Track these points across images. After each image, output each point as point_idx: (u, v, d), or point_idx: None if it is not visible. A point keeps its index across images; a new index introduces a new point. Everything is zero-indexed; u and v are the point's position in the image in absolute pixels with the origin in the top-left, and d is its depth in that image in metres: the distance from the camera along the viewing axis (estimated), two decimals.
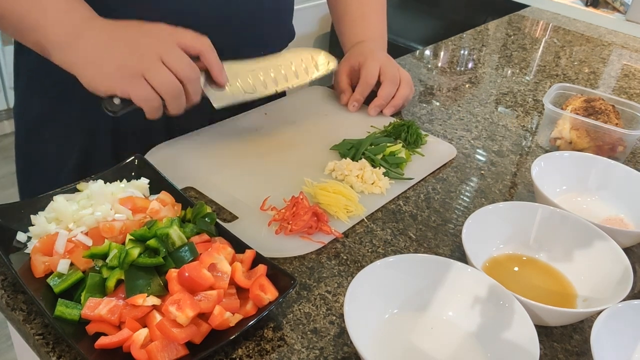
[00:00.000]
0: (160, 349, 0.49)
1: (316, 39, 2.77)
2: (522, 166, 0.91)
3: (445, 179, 0.85)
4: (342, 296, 0.62)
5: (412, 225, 0.74)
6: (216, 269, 0.57)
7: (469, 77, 1.23)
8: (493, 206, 0.69)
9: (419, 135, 0.91)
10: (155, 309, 0.53)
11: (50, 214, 0.62)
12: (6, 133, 2.61)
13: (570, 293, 0.65)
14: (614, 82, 1.29)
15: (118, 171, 0.70)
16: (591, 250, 0.67)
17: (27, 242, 0.60)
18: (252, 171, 0.80)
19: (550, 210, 0.70)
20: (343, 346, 0.56)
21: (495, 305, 0.57)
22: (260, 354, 0.54)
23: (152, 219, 0.62)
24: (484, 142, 0.96)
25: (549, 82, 1.24)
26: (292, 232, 0.68)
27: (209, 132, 0.88)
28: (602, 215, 0.79)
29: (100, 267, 0.56)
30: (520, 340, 0.54)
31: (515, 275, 0.67)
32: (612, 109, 0.94)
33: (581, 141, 0.91)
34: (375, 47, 1.01)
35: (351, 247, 0.69)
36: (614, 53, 1.47)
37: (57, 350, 0.52)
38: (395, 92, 0.97)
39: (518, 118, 1.06)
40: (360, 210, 0.74)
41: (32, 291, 0.54)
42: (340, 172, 0.80)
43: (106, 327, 0.52)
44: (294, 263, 0.66)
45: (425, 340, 0.57)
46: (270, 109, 0.97)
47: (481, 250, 0.67)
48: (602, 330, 0.54)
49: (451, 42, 1.42)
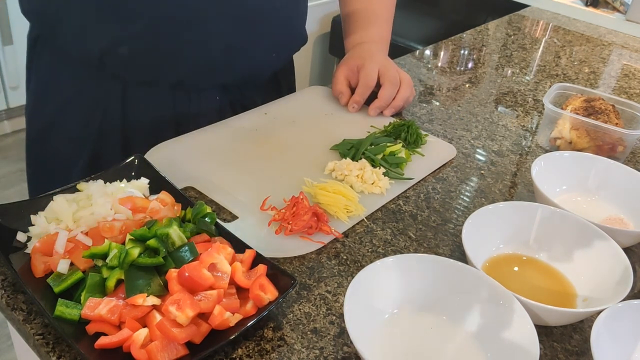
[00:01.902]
0: (160, 349, 0.49)
1: (316, 39, 2.77)
2: (522, 166, 0.91)
3: (445, 179, 0.85)
4: (342, 296, 0.62)
5: (412, 225, 0.74)
6: (216, 269, 0.57)
7: (469, 77, 1.23)
8: (493, 206, 0.69)
9: (419, 135, 0.91)
10: (155, 309, 0.53)
11: (50, 214, 0.62)
12: (6, 133, 2.62)
13: (570, 293, 0.65)
14: (614, 82, 1.29)
15: (118, 171, 0.70)
16: (591, 250, 0.67)
17: (27, 242, 0.60)
18: (252, 171, 0.80)
19: (550, 210, 0.70)
20: (343, 346, 0.56)
21: (495, 305, 0.57)
22: (260, 354, 0.54)
23: (152, 219, 0.62)
24: (484, 142, 0.96)
25: (549, 82, 1.24)
26: (292, 232, 0.68)
27: (209, 131, 0.88)
28: (602, 215, 0.79)
29: (100, 267, 0.56)
30: (520, 340, 0.54)
31: (515, 275, 0.67)
32: (612, 108, 0.94)
33: (581, 141, 0.91)
34: (375, 49, 1.00)
35: (351, 247, 0.69)
36: (614, 53, 1.47)
37: (57, 350, 0.52)
38: (395, 94, 0.97)
39: (518, 118, 1.06)
40: (360, 210, 0.74)
41: (32, 291, 0.54)
42: (340, 172, 0.80)
43: (106, 327, 0.52)
44: (294, 263, 0.66)
45: (425, 340, 0.57)
46: (270, 109, 0.97)
47: (481, 250, 0.67)
48: (602, 330, 0.54)
49: (451, 42, 1.42)
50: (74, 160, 0.90)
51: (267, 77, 0.99)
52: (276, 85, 1.05)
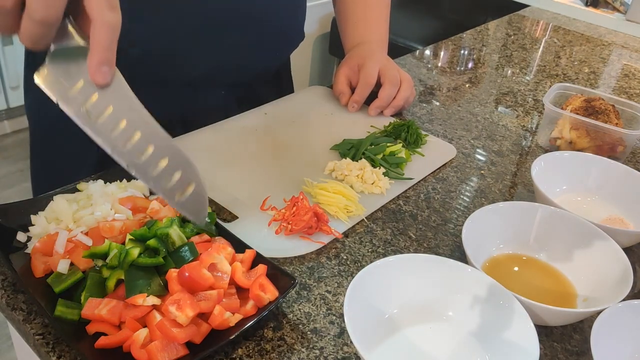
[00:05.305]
0: (160, 349, 0.49)
1: (316, 39, 2.77)
2: (522, 166, 0.91)
3: (445, 179, 0.85)
4: (342, 296, 0.62)
5: (412, 225, 0.74)
6: (216, 269, 0.57)
7: (469, 77, 1.23)
8: (493, 206, 0.69)
9: (419, 135, 0.91)
10: (155, 308, 0.53)
11: (51, 214, 0.62)
12: (6, 133, 2.62)
13: (570, 293, 0.65)
14: (614, 82, 1.29)
15: (118, 171, 0.70)
16: (591, 250, 0.67)
17: (27, 242, 0.60)
18: (252, 171, 0.80)
19: (550, 210, 0.70)
20: (343, 346, 0.56)
21: (495, 305, 0.57)
22: (260, 354, 0.54)
23: (152, 218, 0.62)
24: (484, 142, 0.96)
25: (549, 82, 1.24)
26: (292, 232, 0.68)
27: (209, 131, 0.88)
28: (602, 215, 0.79)
29: (100, 267, 0.56)
30: (520, 340, 0.54)
31: (515, 275, 0.67)
32: (612, 109, 0.94)
33: (581, 141, 0.91)
34: (375, 49, 1.01)
35: (351, 247, 0.69)
36: (614, 53, 1.47)
37: (57, 350, 0.52)
38: (396, 94, 0.97)
39: (518, 118, 1.06)
40: (360, 210, 0.74)
41: (32, 291, 0.54)
42: (340, 172, 0.80)
43: (106, 327, 0.52)
44: (294, 263, 0.66)
45: (425, 340, 0.57)
46: (270, 109, 0.97)
47: (481, 250, 0.67)
48: (602, 330, 0.54)
49: (451, 42, 1.42)
50: (82, 160, 0.90)
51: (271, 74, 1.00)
52: (278, 79, 1.06)
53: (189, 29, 0.81)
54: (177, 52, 0.83)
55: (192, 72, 0.86)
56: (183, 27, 0.81)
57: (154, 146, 0.52)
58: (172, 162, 0.53)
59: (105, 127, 0.52)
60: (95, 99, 0.52)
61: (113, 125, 0.53)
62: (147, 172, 0.52)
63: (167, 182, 0.53)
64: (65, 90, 0.52)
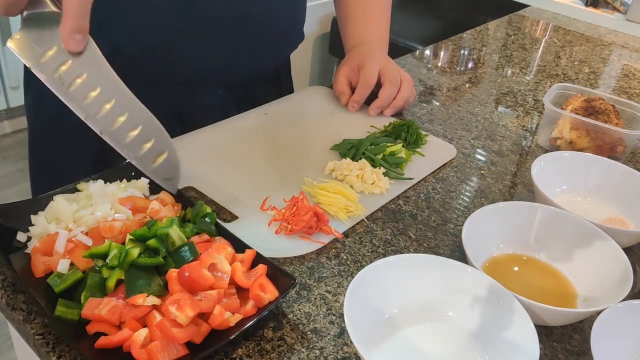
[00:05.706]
0: (160, 349, 0.49)
1: (316, 39, 2.77)
2: (522, 166, 0.91)
3: (445, 179, 0.85)
4: (342, 296, 0.62)
5: (412, 225, 0.74)
6: (216, 269, 0.57)
7: (469, 77, 1.23)
8: (493, 206, 0.69)
9: (419, 135, 0.91)
10: (155, 308, 0.53)
11: (50, 214, 0.62)
12: (6, 133, 2.62)
13: (570, 293, 0.65)
14: (614, 82, 1.29)
15: (118, 171, 0.70)
16: (591, 250, 0.67)
17: (27, 242, 0.60)
18: (252, 171, 0.80)
19: (550, 210, 0.70)
20: (343, 346, 0.56)
21: (495, 305, 0.57)
22: (260, 354, 0.54)
23: (152, 219, 0.62)
24: (484, 142, 0.96)
25: (549, 82, 1.24)
26: (292, 232, 0.68)
27: (209, 131, 0.88)
28: (602, 215, 0.79)
29: (100, 267, 0.56)
30: (520, 340, 0.54)
31: (515, 275, 0.67)
32: (612, 109, 0.94)
33: (581, 141, 0.91)
34: (375, 49, 1.01)
35: (351, 247, 0.69)
36: (614, 53, 1.47)
37: (57, 350, 0.52)
38: (396, 94, 0.97)
39: (518, 118, 1.06)
40: (360, 210, 0.74)
41: (32, 291, 0.54)
42: (340, 172, 0.80)
43: (106, 327, 0.52)
44: (294, 263, 0.66)
45: (425, 340, 0.57)
46: (270, 109, 0.97)
47: (481, 250, 0.67)
48: (602, 330, 0.54)
49: (451, 42, 1.42)
50: (81, 158, 0.90)
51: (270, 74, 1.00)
52: (277, 79, 1.06)
53: (186, 27, 0.81)
54: (174, 50, 0.83)
55: (189, 71, 0.86)
56: (180, 25, 0.80)
57: (128, 114, 0.53)
58: (144, 130, 0.54)
59: (79, 94, 0.53)
60: (69, 65, 0.52)
61: (86, 92, 0.53)
62: (120, 139, 0.53)
63: (139, 150, 0.53)
64: (38, 56, 0.52)
